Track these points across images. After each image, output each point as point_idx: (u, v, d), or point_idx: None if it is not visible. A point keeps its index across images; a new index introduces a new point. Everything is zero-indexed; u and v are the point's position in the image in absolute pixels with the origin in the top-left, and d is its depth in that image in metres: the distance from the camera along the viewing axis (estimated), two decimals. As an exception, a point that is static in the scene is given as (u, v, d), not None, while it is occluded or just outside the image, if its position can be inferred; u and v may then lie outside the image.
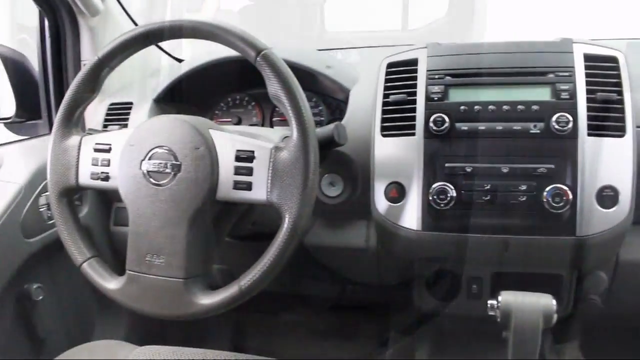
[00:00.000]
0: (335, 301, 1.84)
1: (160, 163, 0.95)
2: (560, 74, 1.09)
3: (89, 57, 1.48)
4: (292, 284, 1.51)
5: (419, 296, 1.25)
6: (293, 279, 1.49)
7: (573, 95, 1.07)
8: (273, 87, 0.94)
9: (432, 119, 1.09)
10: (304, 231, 0.94)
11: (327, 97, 1.35)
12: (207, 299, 0.95)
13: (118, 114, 1.42)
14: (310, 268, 1.41)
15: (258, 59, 0.94)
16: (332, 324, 1.88)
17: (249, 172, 0.94)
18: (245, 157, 0.95)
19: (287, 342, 1.88)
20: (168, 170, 0.95)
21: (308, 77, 1.29)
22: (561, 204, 1.03)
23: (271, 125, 1.41)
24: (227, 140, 0.97)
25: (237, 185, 0.95)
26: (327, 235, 1.30)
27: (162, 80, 1.40)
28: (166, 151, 0.96)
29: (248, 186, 0.94)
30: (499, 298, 0.96)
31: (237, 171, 0.95)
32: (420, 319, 1.52)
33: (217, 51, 1.28)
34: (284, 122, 1.38)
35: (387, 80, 1.18)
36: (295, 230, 0.92)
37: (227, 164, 0.96)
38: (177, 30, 1.00)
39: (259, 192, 0.94)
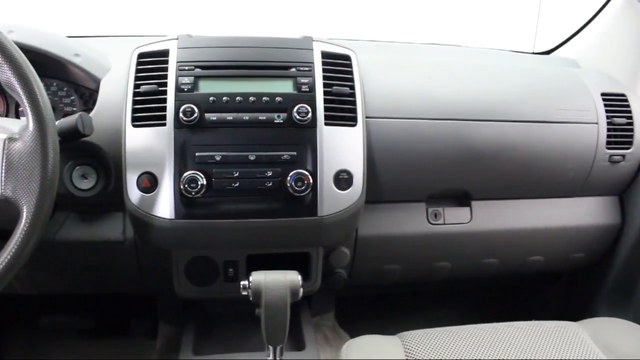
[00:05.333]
0: (99, 298, 1.78)
1: None
2: (301, 68, 1.19)
3: None
4: (49, 284, 1.42)
5: (178, 284, 1.26)
6: (50, 279, 1.40)
7: (312, 88, 1.17)
8: (4, 74, 0.88)
9: (181, 109, 1.10)
10: (45, 226, 0.90)
11: (80, 86, 1.29)
12: None
13: None
14: (68, 266, 1.35)
15: None
16: (99, 322, 1.81)
17: None
18: None
19: (53, 347, 1.76)
20: None
21: (56, 65, 1.23)
22: (303, 188, 1.12)
23: (17, 117, 1.31)
24: None
25: None
26: (82, 229, 1.25)
27: None
28: None
29: None
30: (250, 278, 1.01)
31: None
32: (185, 306, 1.54)
33: None
34: None
35: (138, 71, 1.17)
36: (35, 226, 0.87)
37: None
38: None
39: None
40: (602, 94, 1.43)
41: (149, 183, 1.11)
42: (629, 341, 1.09)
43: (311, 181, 1.13)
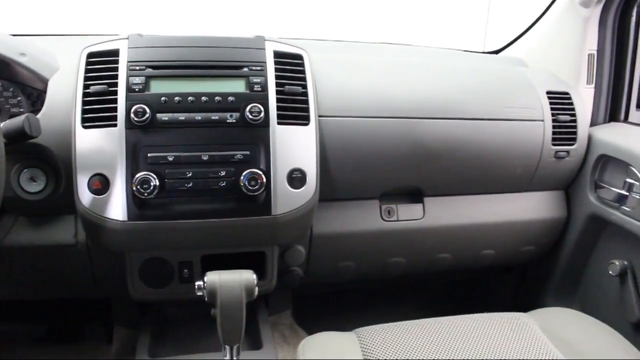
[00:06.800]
0: (51, 304, 1.74)
1: None
2: (254, 68, 1.19)
3: None
4: None
5: (133, 286, 1.24)
6: None
7: (265, 87, 1.17)
8: None
9: (133, 109, 1.09)
10: None
11: (27, 86, 1.26)
12: None
13: None
14: (17, 271, 1.31)
15: None
16: (52, 328, 1.77)
17: None
18: None
19: (3, 356, 1.71)
20: None
21: (0, 65, 1.20)
22: (256, 187, 1.13)
23: None
24: None
25: None
26: (32, 234, 1.22)
27: None
28: None
29: None
30: (205, 279, 1.01)
31: None
32: (140, 308, 1.52)
33: None
34: None
35: (87, 71, 1.15)
36: None
37: None
38: None
39: None
40: (548, 93, 1.48)
41: (101, 185, 1.10)
42: (574, 329, 1.13)
43: (264, 180, 1.13)
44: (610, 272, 1.41)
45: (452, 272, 1.73)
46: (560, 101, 1.48)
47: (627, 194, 1.36)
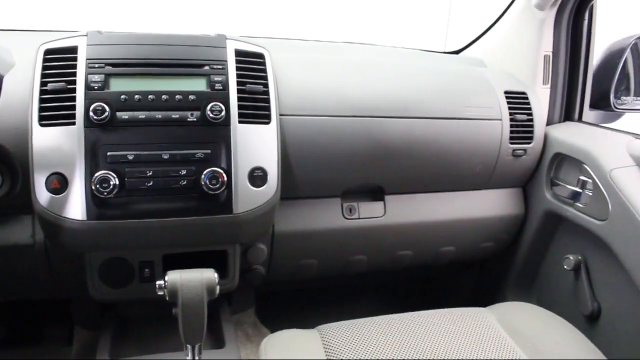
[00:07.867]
0: (9, 306, 1.70)
1: None
2: (215, 66, 1.19)
3: None
4: None
5: (93, 286, 1.23)
6: None
7: (225, 86, 1.17)
8: None
9: (92, 108, 1.08)
10: None
11: None
12: None
13: None
14: None
15: None
16: (10, 331, 1.73)
17: None
18: None
19: None
20: None
21: None
22: (217, 186, 1.13)
23: None
24: None
25: None
26: None
27: None
28: None
29: None
30: (166, 278, 1.00)
31: None
32: (101, 309, 1.50)
33: None
34: None
35: (44, 68, 1.13)
36: None
37: None
38: None
39: None
40: (505, 92, 1.51)
41: (59, 184, 1.08)
42: (531, 323, 1.16)
43: (226, 179, 1.13)
44: (565, 267, 1.45)
45: (414, 269, 1.76)
46: (517, 101, 1.51)
47: (580, 191, 1.40)
